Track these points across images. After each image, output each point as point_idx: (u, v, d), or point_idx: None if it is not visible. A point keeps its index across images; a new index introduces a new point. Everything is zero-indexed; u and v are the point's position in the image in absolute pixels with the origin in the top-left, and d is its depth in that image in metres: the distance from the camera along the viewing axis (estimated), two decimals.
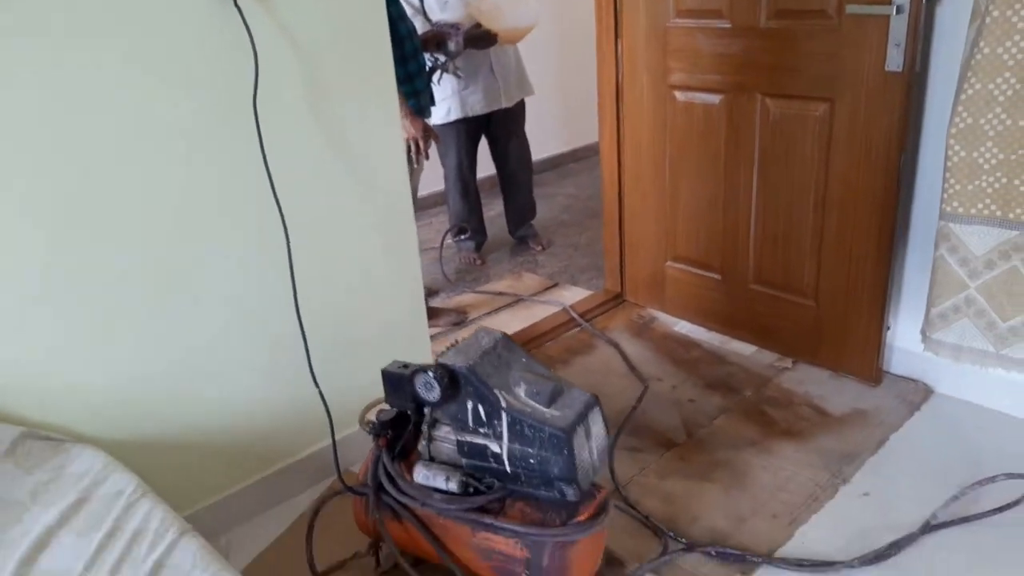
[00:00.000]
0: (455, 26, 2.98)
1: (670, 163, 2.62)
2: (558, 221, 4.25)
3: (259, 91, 1.62)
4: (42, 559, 1.24)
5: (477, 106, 3.33)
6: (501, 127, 3.53)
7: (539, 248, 3.77)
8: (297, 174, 1.76)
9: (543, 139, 5.08)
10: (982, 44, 1.70)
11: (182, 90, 1.57)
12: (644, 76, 2.61)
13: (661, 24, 2.49)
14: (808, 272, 2.34)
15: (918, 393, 2.25)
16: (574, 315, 2.90)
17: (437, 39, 2.97)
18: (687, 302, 2.76)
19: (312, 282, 1.83)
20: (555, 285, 3.31)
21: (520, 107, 3.57)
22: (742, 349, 2.58)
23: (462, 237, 3.67)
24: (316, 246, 1.84)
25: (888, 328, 2.27)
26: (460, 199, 3.58)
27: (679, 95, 2.52)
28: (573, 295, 3.17)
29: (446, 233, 3.64)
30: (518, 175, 3.73)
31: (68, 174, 1.47)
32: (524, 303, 3.14)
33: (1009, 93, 1.69)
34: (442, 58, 2.95)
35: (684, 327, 2.77)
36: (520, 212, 3.82)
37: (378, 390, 1.62)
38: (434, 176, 3.68)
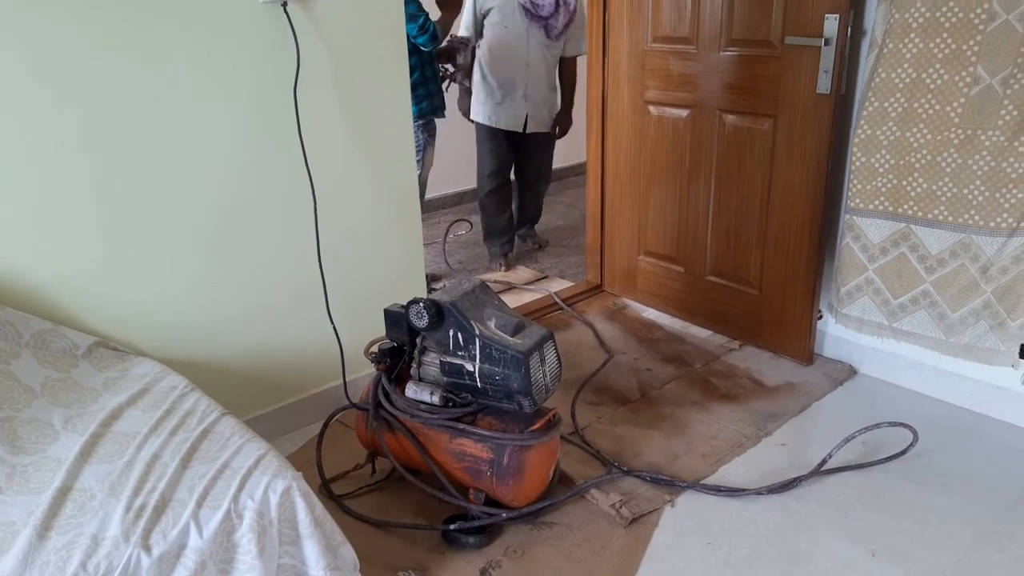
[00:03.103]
0: (464, 42, 3.40)
1: (644, 169, 3.02)
2: (555, 226, 4.64)
3: (299, 78, 2.02)
4: (116, 424, 1.62)
5: (502, 123, 3.60)
6: (531, 145, 3.74)
7: (536, 247, 4.13)
8: (325, 148, 2.16)
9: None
10: (879, 70, 2.10)
11: (241, 72, 1.97)
12: (625, 92, 3.01)
13: (640, 47, 2.90)
14: (754, 264, 2.72)
15: (843, 372, 2.62)
16: (558, 300, 3.28)
17: (449, 52, 3.39)
18: (655, 291, 3.14)
19: (331, 240, 2.22)
20: (545, 277, 3.70)
21: (542, 138, 3.76)
22: (698, 332, 2.96)
23: (461, 233, 4.05)
24: (336, 208, 2.23)
25: (820, 316, 2.64)
26: (490, 200, 3.77)
27: (653, 109, 2.92)
28: (559, 285, 3.55)
29: (450, 226, 4.03)
30: (535, 186, 4.01)
31: (152, 127, 1.87)
32: (516, 290, 3.53)
33: (900, 110, 2.09)
34: (451, 68, 3.36)
35: (651, 313, 3.15)
36: (526, 215, 4.13)
37: (381, 331, 2.01)
38: (442, 179, 4.06)
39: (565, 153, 5.61)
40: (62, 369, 1.77)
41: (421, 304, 1.81)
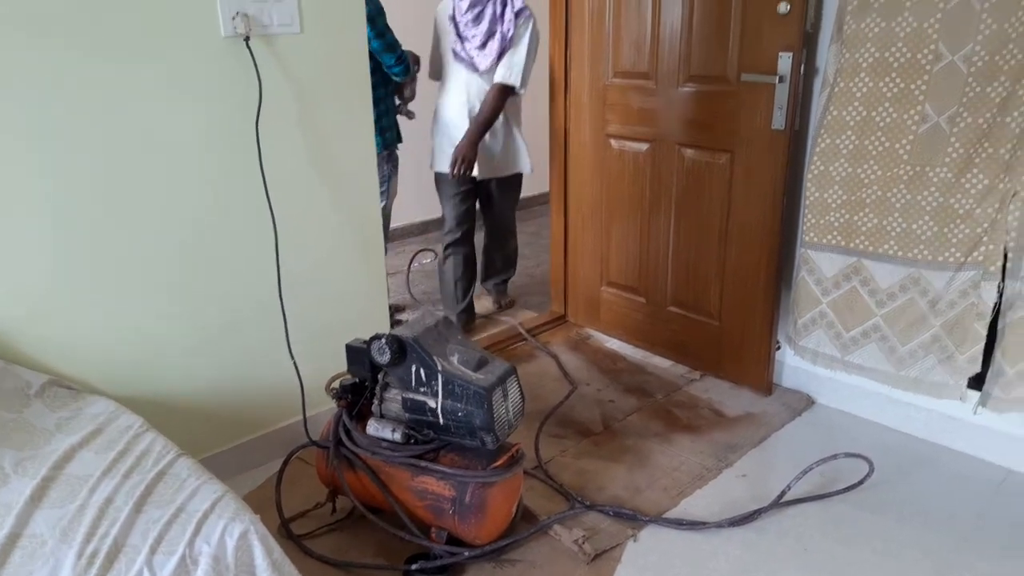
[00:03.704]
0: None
1: (606, 201, 3.06)
2: (519, 255, 4.65)
3: (260, 112, 2.02)
4: (68, 467, 1.58)
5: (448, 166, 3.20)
6: (488, 192, 3.39)
7: (500, 307, 3.67)
8: (287, 181, 2.15)
9: None
10: (831, 108, 2.17)
11: (202, 104, 1.96)
12: (587, 125, 3.05)
13: (601, 82, 2.94)
14: (713, 295, 2.76)
15: (802, 402, 2.66)
16: (522, 331, 3.29)
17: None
18: (618, 322, 3.17)
19: (293, 272, 2.20)
20: (510, 306, 3.70)
21: (508, 181, 3.38)
22: (660, 363, 2.98)
23: (426, 262, 3.96)
24: (298, 240, 2.21)
25: (779, 346, 2.68)
26: (446, 261, 3.43)
27: (614, 143, 2.96)
28: (524, 315, 3.56)
29: (415, 255, 4.01)
30: (497, 236, 3.59)
31: (109, 159, 1.84)
32: (480, 321, 3.53)
33: (851, 147, 2.15)
34: (397, 101, 3.35)
35: (614, 343, 3.17)
36: (493, 267, 3.67)
37: (341, 368, 1.99)
38: (406, 208, 4.04)
39: (528, 183, 5.68)
40: (14, 409, 1.72)
41: (383, 340, 1.80)
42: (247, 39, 1.97)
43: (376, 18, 2.92)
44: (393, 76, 3.12)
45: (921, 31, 1.98)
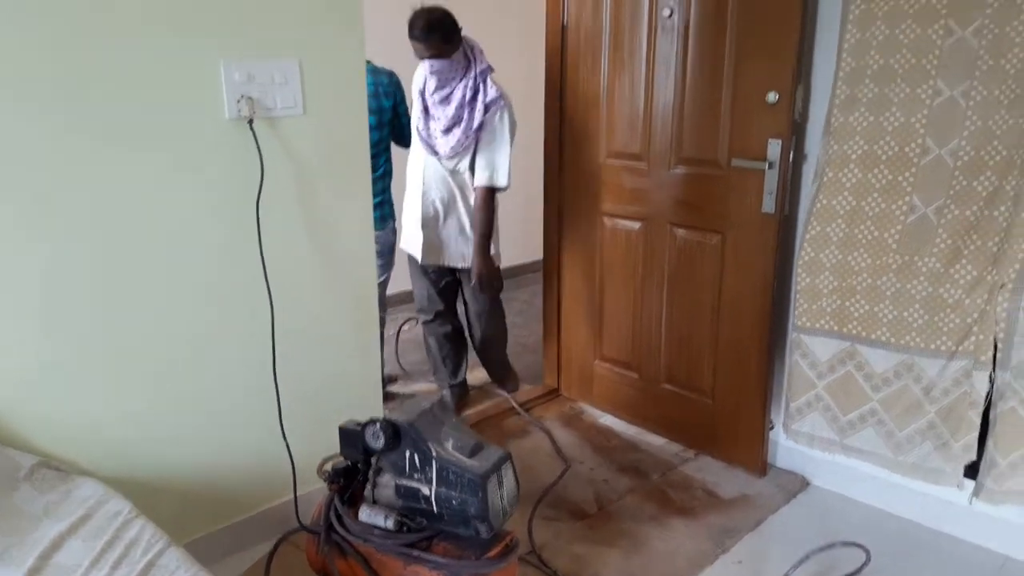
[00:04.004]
0: None
1: (599, 276, 3.08)
2: (512, 324, 4.64)
3: (262, 193, 2.04)
4: (56, 556, 1.55)
5: (412, 250, 3.14)
6: (463, 281, 3.18)
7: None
8: (285, 260, 2.16)
9: (505, 250, 5.59)
10: (821, 197, 2.22)
11: (202, 185, 1.98)
12: (581, 203, 3.10)
13: (596, 161, 3.00)
14: (706, 374, 2.77)
15: (796, 484, 2.64)
16: (515, 404, 3.27)
17: None
18: (611, 397, 3.16)
19: (288, 353, 2.20)
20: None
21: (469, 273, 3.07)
22: (654, 440, 2.97)
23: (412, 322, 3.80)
24: (294, 321, 2.21)
25: (772, 426, 2.68)
26: (425, 335, 3.38)
27: (607, 220, 3.01)
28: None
29: (403, 324, 4.01)
30: (475, 331, 3.29)
31: (107, 239, 1.85)
32: (474, 393, 3.51)
33: (841, 235, 2.19)
34: None
35: (608, 419, 3.15)
36: (487, 367, 3.46)
37: (334, 448, 1.97)
38: (395, 274, 4.00)
39: (520, 251, 5.72)
40: (3, 493, 1.69)
41: (378, 425, 1.79)
42: (251, 121, 2.01)
43: (398, 92, 3.03)
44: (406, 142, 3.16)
45: (909, 125, 2.04)
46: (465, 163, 2.91)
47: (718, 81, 2.52)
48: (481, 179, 2.89)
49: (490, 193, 2.92)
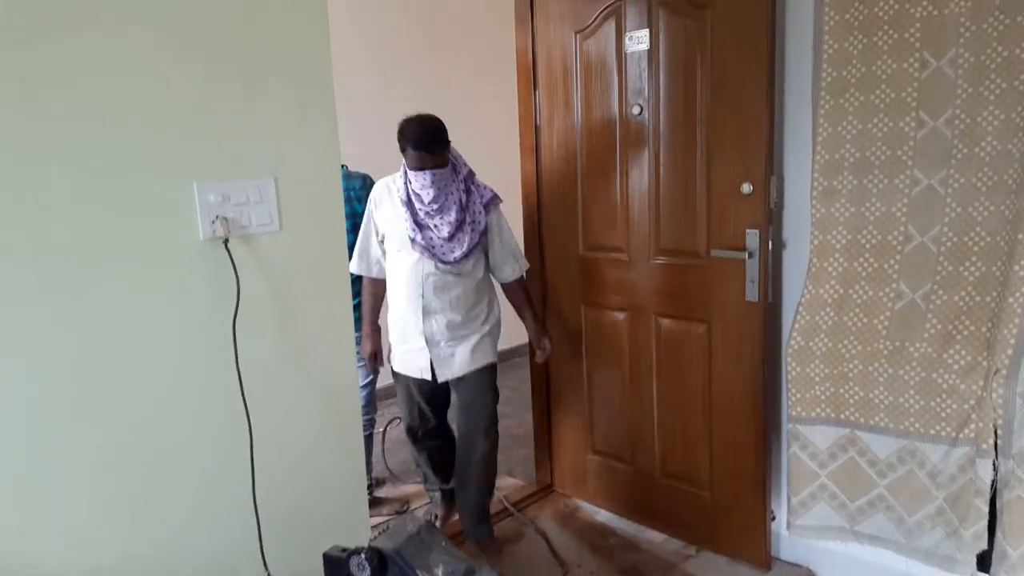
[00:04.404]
0: None
1: (587, 368, 3.04)
2: (501, 413, 4.57)
3: (238, 312, 2.00)
4: None
5: (404, 368, 2.86)
6: (457, 392, 2.90)
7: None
8: (263, 380, 2.10)
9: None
10: (809, 286, 2.21)
11: (176, 308, 1.93)
12: (563, 294, 3.09)
13: (576, 253, 3.00)
14: (703, 465, 2.70)
15: None
16: (507, 505, 3.18)
17: None
18: (607, 492, 3.07)
19: (268, 476, 2.12)
20: None
21: (469, 381, 2.83)
22: (653, 537, 2.87)
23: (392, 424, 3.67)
24: (274, 442, 2.14)
25: (773, 517, 2.60)
26: (416, 455, 3.19)
27: (592, 311, 2.99)
28: (509, 485, 3.45)
29: (388, 424, 3.92)
30: (465, 448, 2.93)
31: (74, 364, 1.79)
32: None
33: (830, 323, 2.17)
34: None
35: (604, 515, 3.06)
36: (463, 508, 2.94)
37: (318, 570, 1.88)
38: (385, 373, 3.93)
39: (507, 335, 5.69)
40: None
41: (363, 555, 1.71)
42: (226, 241, 1.99)
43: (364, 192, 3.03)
44: None
45: (890, 215, 2.06)
46: (472, 263, 2.77)
47: (692, 174, 2.54)
48: (512, 273, 2.83)
49: (522, 283, 2.89)
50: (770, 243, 2.39)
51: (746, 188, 2.37)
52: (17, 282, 1.71)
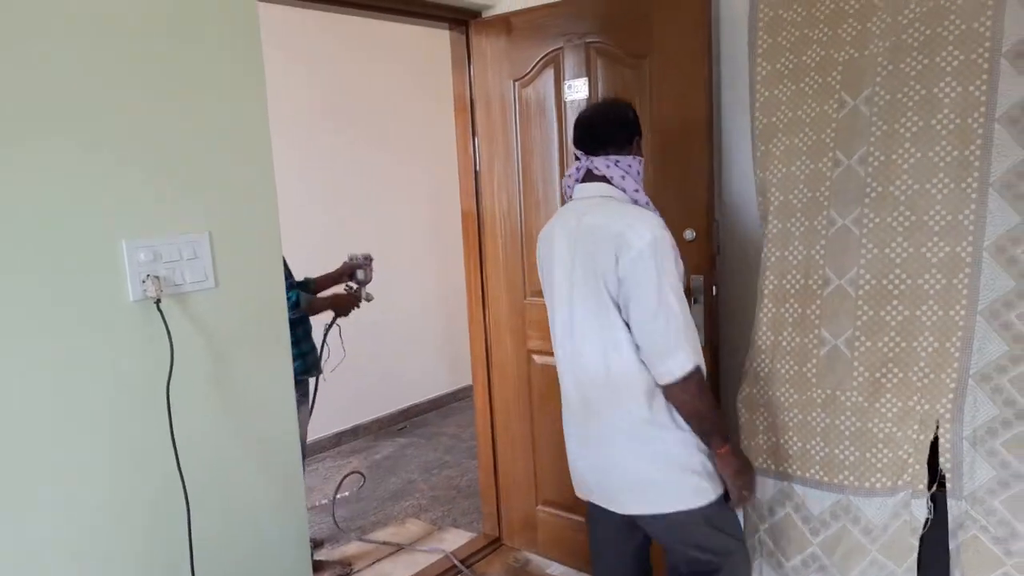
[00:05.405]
0: (367, 257, 3.33)
1: (533, 416, 3.00)
2: (441, 462, 4.48)
3: (172, 375, 1.88)
4: None
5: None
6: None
7: None
8: (200, 445, 1.97)
9: (427, 383, 5.48)
10: (751, 334, 2.22)
11: (100, 378, 1.80)
12: (508, 341, 3.05)
13: (520, 300, 2.97)
14: None
15: None
16: (456, 562, 3.08)
17: (349, 270, 3.31)
18: (558, 543, 3.01)
19: (207, 547, 1.99)
20: (437, 529, 3.49)
21: (656, 523, 1.94)
22: None
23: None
24: (213, 512, 2.01)
25: None
26: None
27: (536, 358, 2.95)
28: (455, 538, 3.35)
29: (342, 480, 3.77)
30: None
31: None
32: (407, 551, 3.29)
33: (766, 370, 2.14)
34: (354, 285, 3.25)
35: (557, 569, 2.99)
36: None
37: None
38: (317, 418, 3.75)
39: (447, 377, 5.60)
40: None
41: None
42: (158, 301, 1.88)
43: None
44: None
45: (810, 257, 2.06)
46: None
47: None
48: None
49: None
50: (715, 289, 2.41)
51: (688, 235, 2.40)
52: None
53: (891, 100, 1.91)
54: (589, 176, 1.94)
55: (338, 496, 3.78)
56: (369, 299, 3.30)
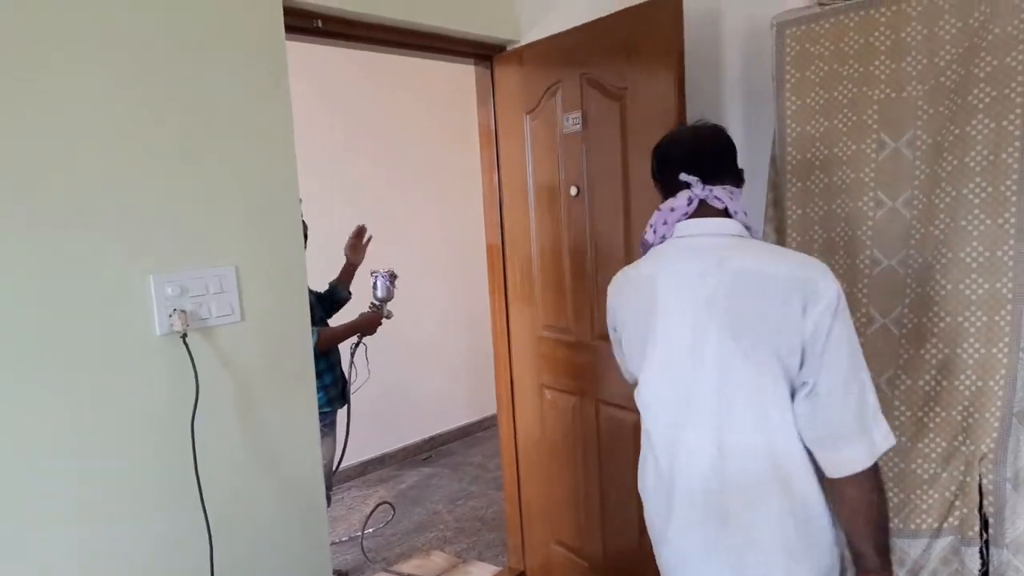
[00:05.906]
0: (391, 274, 3.26)
1: (547, 452, 2.95)
2: (466, 493, 4.44)
3: (197, 410, 1.89)
4: None
5: None
6: None
7: None
8: (224, 480, 1.98)
9: (452, 412, 5.45)
10: None
11: (127, 412, 1.82)
12: (527, 376, 3.01)
13: (535, 333, 2.94)
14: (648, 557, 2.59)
15: None
16: None
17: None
18: None
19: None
20: (463, 562, 3.45)
21: None
22: None
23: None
24: (235, 545, 2.01)
25: None
26: None
27: (548, 393, 2.91)
28: (480, 572, 3.31)
29: (371, 513, 3.75)
30: None
31: (21, 475, 1.67)
32: None
33: None
34: (376, 303, 3.25)
35: None
36: None
37: None
38: (348, 449, 3.75)
39: (472, 406, 5.57)
40: None
41: None
42: (184, 336, 1.89)
43: None
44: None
45: (852, 295, 2.04)
46: None
47: (620, 257, 2.50)
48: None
49: None
50: None
51: None
52: None
53: (932, 144, 1.90)
54: (701, 210, 1.58)
55: (369, 530, 3.76)
56: (389, 316, 3.29)
